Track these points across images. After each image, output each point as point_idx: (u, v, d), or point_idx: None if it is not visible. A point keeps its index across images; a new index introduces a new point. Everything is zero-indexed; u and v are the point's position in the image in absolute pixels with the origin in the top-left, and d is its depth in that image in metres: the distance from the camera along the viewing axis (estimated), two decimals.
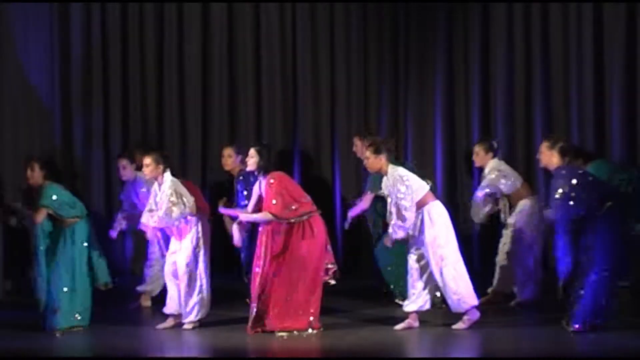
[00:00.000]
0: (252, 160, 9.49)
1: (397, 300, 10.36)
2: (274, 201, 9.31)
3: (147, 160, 9.59)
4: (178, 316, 9.69)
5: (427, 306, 9.46)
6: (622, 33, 12.26)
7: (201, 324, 9.68)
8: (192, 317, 9.65)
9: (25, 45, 11.89)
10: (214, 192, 12.34)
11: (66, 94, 12.30)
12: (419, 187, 9.35)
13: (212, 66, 12.74)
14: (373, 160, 9.37)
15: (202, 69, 12.72)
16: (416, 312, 9.45)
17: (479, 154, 10.70)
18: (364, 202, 10.57)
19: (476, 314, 9.38)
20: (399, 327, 9.45)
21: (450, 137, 12.67)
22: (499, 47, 12.60)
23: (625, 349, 8.63)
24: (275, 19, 12.79)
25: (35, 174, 9.75)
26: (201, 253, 9.66)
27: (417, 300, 9.42)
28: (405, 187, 9.23)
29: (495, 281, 10.66)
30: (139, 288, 10.81)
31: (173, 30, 12.65)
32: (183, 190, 9.55)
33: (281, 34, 12.81)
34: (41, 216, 9.64)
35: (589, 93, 12.35)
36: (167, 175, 9.57)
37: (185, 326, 9.64)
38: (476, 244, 12.47)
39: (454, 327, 9.37)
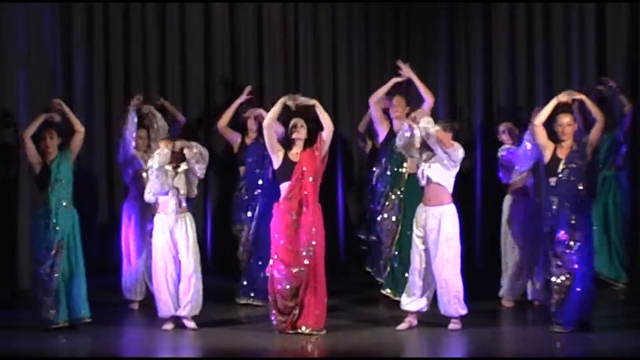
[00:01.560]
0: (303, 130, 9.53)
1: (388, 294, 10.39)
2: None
3: (165, 143, 9.73)
4: (175, 317, 9.68)
5: (426, 308, 9.49)
6: (625, 31, 12.27)
7: (203, 324, 9.69)
8: (193, 313, 9.65)
9: (27, 44, 11.86)
10: (215, 189, 12.37)
11: (68, 93, 12.27)
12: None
13: (215, 66, 12.72)
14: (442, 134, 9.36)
15: (204, 68, 12.70)
16: (417, 312, 9.44)
17: (512, 130, 10.66)
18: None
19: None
20: (401, 327, 9.45)
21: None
22: (501, 43, 12.63)
23: (623, 349, 8.63)
24: (278, 18, 12.78)
25: (54, 142, 9.78)
26: (197, 250, 9.74)
27: (419, 300, 9.44)
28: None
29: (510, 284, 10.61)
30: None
31: (175, 30, 12.62)
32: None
33: (283, 34, 12.80)
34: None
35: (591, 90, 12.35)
36: None
37: (192, 325, 9.64)
38: (478, 243, 12.45)
39: (450, 327, 9.39)
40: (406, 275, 10.20)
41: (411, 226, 9.58)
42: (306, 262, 9.28)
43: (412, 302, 9.45)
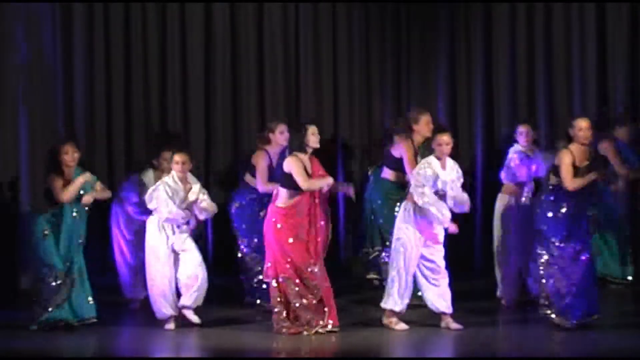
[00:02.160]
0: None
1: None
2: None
3: (185, 157, 9.71)
4: (176, 316, 9.68)
5: None
6: (625, 31, 12.28)
7: (204, 323, 9.68)
8: (197, 303, 9.67)
9: (27, 43, 11.85)
10: (216, 188, 12.36)
11: (68, 94, 12.26)
12: None
13: (215, 66, 12.69)
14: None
15: (204, 69, 12.67)
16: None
17: (530, 133, 10.56)
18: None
19: None
20: (401, 327, 9.46)
21: (452, 132, 12.62)
22: (501, 44, 12.63)
23: (625, 349, 8.62)
24: (278, 19, 12.77)
25: (76, 157, 9.62)
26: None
27: (407, 300, 9.51)
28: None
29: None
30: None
31: (175, 30, 12.60)
32: None
33: (284, 35, 12.79)
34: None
35: (592, 90, 12.38)
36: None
37: (196, 319, 9.65)
38: (478, 243, 12.45)
39: (452, 327, 9.39)
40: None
41: None
42: (317, 270, 9.31)
43: (405, 303, 9.47)
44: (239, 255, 10.67)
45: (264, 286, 10.24)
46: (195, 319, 9.64)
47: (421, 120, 10.56)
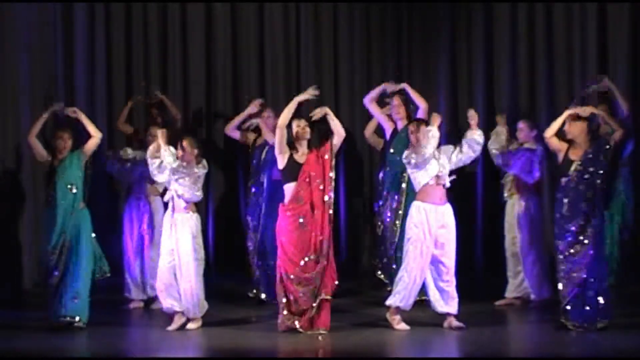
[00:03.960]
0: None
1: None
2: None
3: (186, 143, 9.67)
4: (181, 312, 9.65)
5: None
6: (626, 30, 12.29)
7: (206, 323, 9.68)
8: (193, 315, 9.63)
9: (29, 42, 11.86)
10: (217, 187, 12.38)
11: (69, 93, 12.27)
12: None
13: (216, 66, 12.73)
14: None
15: (205, 68, 12.70)
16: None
17: (524, 130, 10.64)
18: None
19: None
20: (403, 327, 9.46)
21: (453, 133, 12.64)
22: (502, 44, 12.65)
23: (625, 349, 8.62)
24: (279, 18, 12.79)
25: (68, 143, 9.70)
26: (199, 247, 9.69)
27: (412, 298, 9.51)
28: None
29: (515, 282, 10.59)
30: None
31: (176, 30, 12.64)
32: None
33: (285, 34, 12.82)
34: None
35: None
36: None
37: (191, 325, 9.62)
38: (479, 243, 12.45)
39: (454, 327, 9.39)
40: None
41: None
42: (317, 264, 9.27)
43: (410, 302, 9.46)
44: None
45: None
46: (191, 327, 9.63)
47: (394, 101, 11.04)
